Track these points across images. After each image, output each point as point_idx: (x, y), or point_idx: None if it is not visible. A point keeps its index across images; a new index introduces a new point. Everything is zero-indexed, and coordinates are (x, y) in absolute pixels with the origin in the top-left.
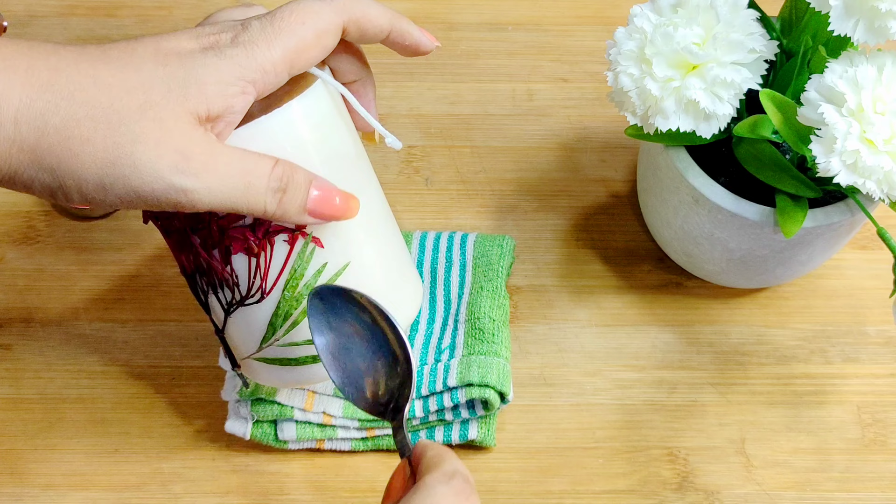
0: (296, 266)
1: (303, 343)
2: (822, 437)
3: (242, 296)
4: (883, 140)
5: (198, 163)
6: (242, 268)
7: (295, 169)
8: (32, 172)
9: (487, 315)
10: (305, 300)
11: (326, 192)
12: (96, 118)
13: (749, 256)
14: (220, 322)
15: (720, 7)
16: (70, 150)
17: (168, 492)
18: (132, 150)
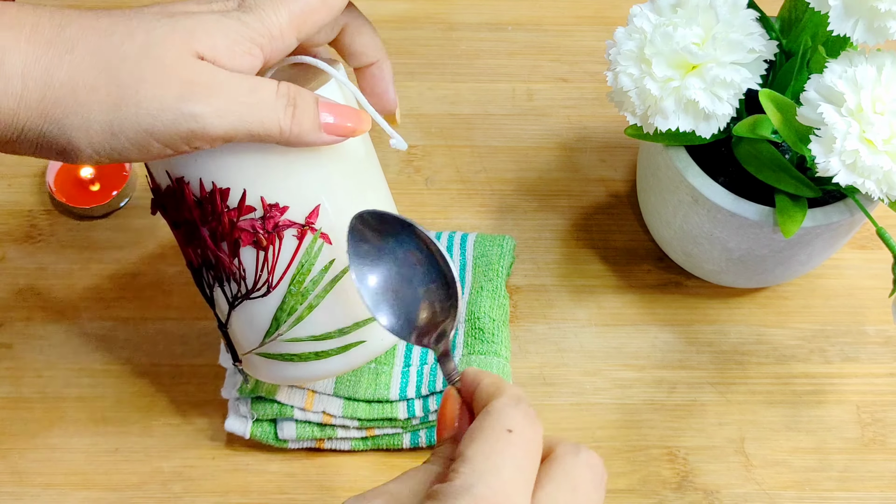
0: (303, 261)
1: (306, 339)
2: (822, 437)
3: (248, 289)
4: (882, 140)
5: (203, 87)
6: (250, 261)
7: (299, 87)
8: (41, 128)
9: (487, 315)
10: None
11: (336, 108)
12: (99, 65)
13: (748, 256)
14: (223, 316)
15: (720, 7)
16: (76, 101)
17: (168, 491)
18: (137, 90)
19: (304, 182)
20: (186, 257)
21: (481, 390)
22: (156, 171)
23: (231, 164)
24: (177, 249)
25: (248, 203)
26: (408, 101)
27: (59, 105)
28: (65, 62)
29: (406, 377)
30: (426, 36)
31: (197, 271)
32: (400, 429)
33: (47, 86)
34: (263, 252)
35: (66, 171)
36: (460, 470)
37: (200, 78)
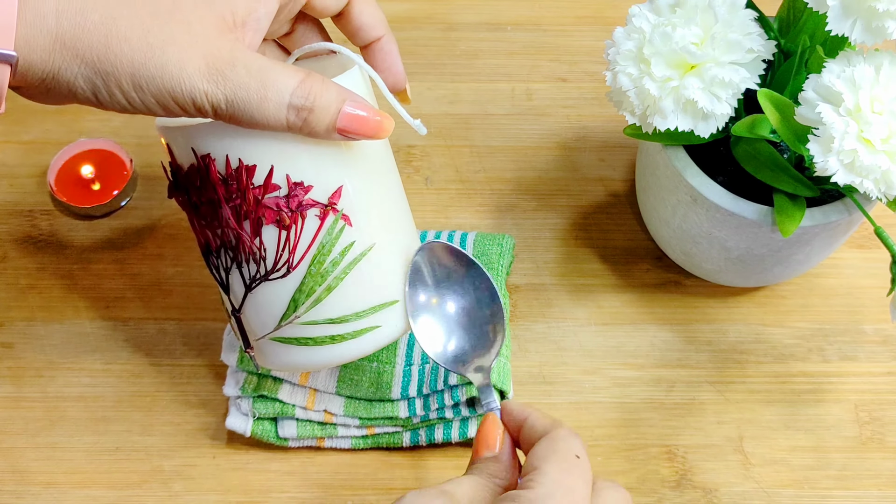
0: (324, 242)
1: (323, 322)
2: (820, 436)
3: (268, 270)
4: (880, 139)
5: (219, 68)
6: (271, 241)
7: (325, 87)
8: (75, 68)
9: None
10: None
11: (360, 111)
12: (132, 18)
13: (747, 255)
14: (237, 300)
15: (718, 7)
16: (109, 48)
17: (169, 489)
18: (163, 52)
19: (329, 163)
20: (203, 240)
21: (536, 420)
22: (180, 150)
23: (259, 141)
24: (177, 250)
25: (274, 181)
26: None
27: (93, 49)
28: (99, 6)
29: (408, 376)
30: (426, 36)
31: (213, 254)
32: (400, 427)
33: (81, 27)
34: (286, 231)
35: (67, 170)
36: (540, 481)
37: (220, 54)
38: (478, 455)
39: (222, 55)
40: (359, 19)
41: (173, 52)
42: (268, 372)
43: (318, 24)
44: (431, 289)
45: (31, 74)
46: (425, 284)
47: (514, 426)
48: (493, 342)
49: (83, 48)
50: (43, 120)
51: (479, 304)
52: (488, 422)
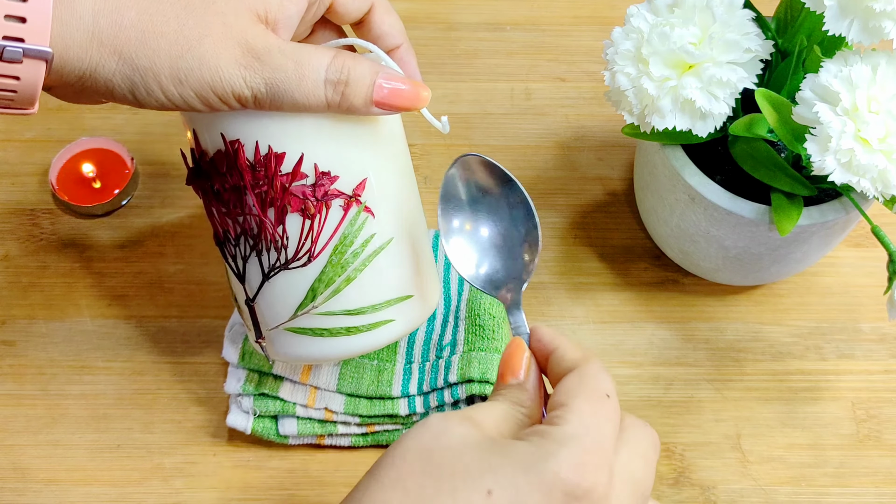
0: (346, 232)
1: (340, 313)
2: (817, 433)
3: (288, 258)
4: (877, 139)
5: (256, 55)
6: (294, 229)
7: (357, 61)
8: (112, 65)
9: (487, 312)
10: None
11: (395, 83)
12: (167, 13)
13: (745, 254)
14: (252, 290)
15: (716, 7)
16: (146, 44)
17: (169, 486)
18: (200, 43)
19: (356, 155)
20: (221, 228)
21: (566, 350)
22: (207, 135)
23: (290, 129)
24: (178, 247)
25: (303, 169)
26: None
27: (131, 46)
28: (134, 2)
29: (408, 374)
30: (425, 36)
31: (231, 243)
32: (400, 425)
33: (118, 25)
34: (310, 220)
35: (69, 169)
36: (568, 418)
37: (255, 42)
38: (503, 380)
39: (257, 42)
40: (379, 28)
41: (209, 43)
42: (270, 369)
43: (339, 29)
44: (465, 207)
45: (66, 72)
46: (459, 202)
47: (542, 354)
48: (528, 263)
49: (120, 45)
50: (44, 118)
51: (513, 223)
52: (514, 346)
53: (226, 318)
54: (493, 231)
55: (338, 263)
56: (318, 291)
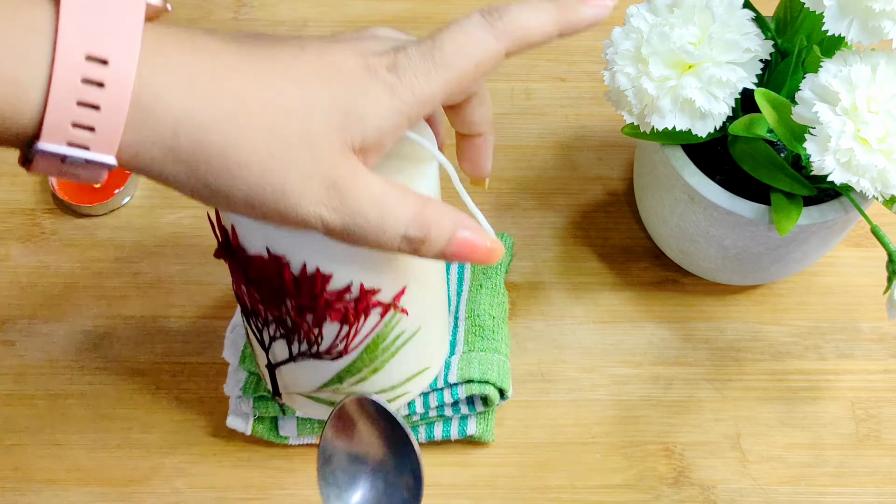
0: (380, 333)
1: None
2: (817, 433)
3: (320, 352)
4: (877, 139)
5: (340, 197)
6: (330, 332)
7: (441, 215)
8: (184, 178)
9: (487, 312)
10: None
11: (473, 238)
12: (256, 143)
13: (744, 254)
14: (276, 360)
15: (716, 7)
16: (228, 171)
17: (170, 486)
18: (284, 178)
19: (401, 269)
20: (250, 305)
21: None
22: (248, 237)
23: (342, 255)
24: (178, 248)
25: (350, 288)
26: None
27: (210, 170)
28: (223, 127)
29: None
30: (425, 36)
31: (259, 321)
32: None
33: (200, 147)
34: (347, 326)
35: None
36: None
37: (342, 183)
38: None
39: (345, 182)
40: (470, 116)
41: (294, 179)
42: None
43: None
44: (347, 446)
45: (131, 169)
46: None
47: None
48: None
49: (198, 166)
50: None
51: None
52: None
53: (226, 318)
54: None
55: (368, 357)
56: (343, 379)
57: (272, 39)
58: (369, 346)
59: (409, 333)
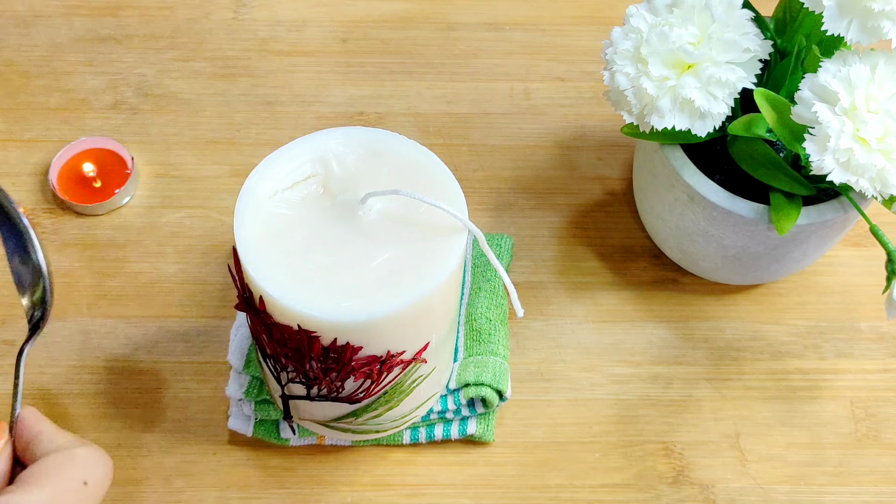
0: (400, 381)
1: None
2: (816, 432)
3: (339, 398)
4: (876, 138)
5: None
6: (352, 385)
7: None
8: None
9: (484, 316)
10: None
11: None
12: None
13: (743, 253)
14: (291, 393)
15: (715, 7)
16: None
17: (170, 486)
18: None
19: (426, 331)
20: (269, 350)
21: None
22: (279, 314)
23: (373, 331)
24: (178, 248)
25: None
26: (406, 100)
27: None
28: None
29: None
30: (425, 36)
31: (278, 364)
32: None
33: None
34: (370, 381)
35: (69, 169)
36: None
37: None
38: None
39: None
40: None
41: None
42: None
43: None
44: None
45: None
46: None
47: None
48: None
49: None
50: (44, 118)
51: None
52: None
53: (225, 317)
54: None
55: (384, 400)
56: (359, 415)
57: None
58: (388, 392)
59: (425, 375)
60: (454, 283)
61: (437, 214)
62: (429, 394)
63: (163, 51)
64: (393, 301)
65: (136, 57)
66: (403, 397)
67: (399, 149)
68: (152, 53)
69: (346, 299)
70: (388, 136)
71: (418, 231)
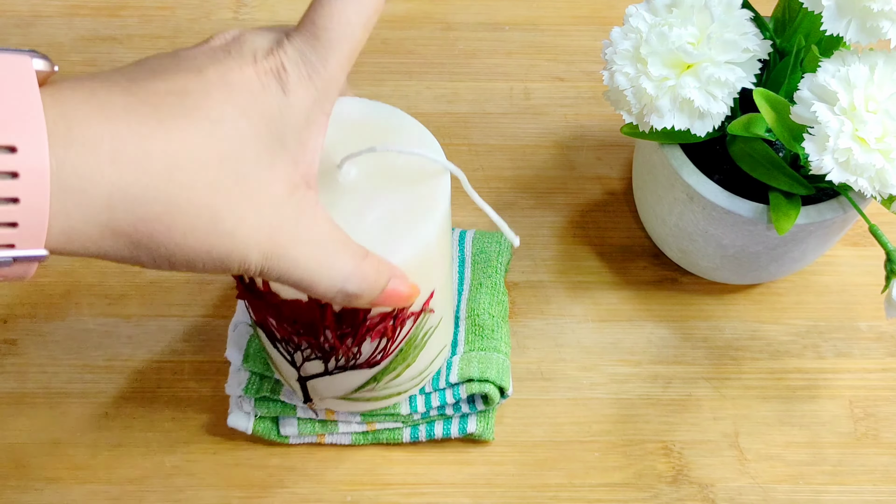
0: (413, 335)
1: (395, 387)
2: (815, 431)
3: (357, 365)
4: (875, 138)
5: (278, 250)
6: (369, 348)
7: (378, 268)
8: (126, 252)
9: (487, 311)
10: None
11: (400, 288)
12: (198, 203)
13: (743, 253)
14: (308, 374)
15: (714, 7)
16: (172, 240)
17: (170, 485)
18: (232, 238)
19: (433, 278)
20: (281, 335)
21: None
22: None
23: None
24: None
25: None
26: (406, 99)
27: (153, 240)
28: (161, 193)
29: None
30: (424, 36)
31: (290, 346)
32: (401, 423)
33: (140, 219)
34: (386, 340)
35: None
36: None
37: (283, 231)
38: None
39: (285, 231)
40: None
41: (241, 237)
42: (273, 373)
43: None
44: None
45: (66, 253)
46: None
47: None
48: None
49: (140, 238)
50: None
51: None
52: None
53: (225, 317)
54: None
55: (401, 358)
56: (378, 379)
57: (169, 70)
58: (403, 348)
59: (434, 325)
60: (447, 225)
61: (415, 164)
62: (440, 346)
63: (163, 51)
64: (395, 256)
65: (137, 57)
66: (418, 352)
67: (362, 110)
68: (153, 53)
69: None
70: (345, 102)
71: (400, 184)
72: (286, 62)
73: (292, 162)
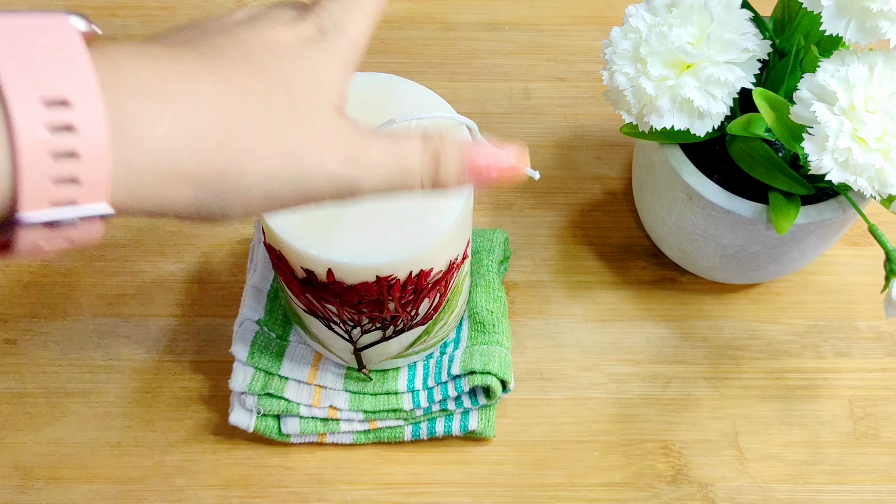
0: (458, 281)
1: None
2: (814, 431)
3: (414, 324)
4: (874, 138)
5: (357, 155)
6: (424, 306)
7: (444, 143)
8: (189, 195)
9: (486, 308)
10: None
11: (487, 149)
12: (257, 128)
13: (742, 253)
14: (364, 344)
15: (714, 7)
16: (240, 169)
17: (170, 484)
18: (301, 156)
19: (465, 230)
20: (336, 318)
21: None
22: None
23: (437, 250)
24: (178, 247)
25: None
26: None
27: (220, 174)
28: (218, 124)
29: (413, 370)
30: (424, 36)
31: (348, 324)
32: (402, 421)
33: (202, 155)
34: (439, 295)
35: None
36: None
37: (350, 141)
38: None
39: (352, 141)
40: None
41: (309, 154)
42: (278, 370)
43: None
44: None
45: (131, 211)
46: None
47: None
48: None
49: (204, 176)
50: None
51: None
52: None
53: (226, 316)
54: None
55: (448, 307)
56: (430, 331)
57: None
58: (450, 298)
59: (467, 269)
60: None
61: (429, 124)
62: (468, 285)
63: None
64: (445, 214)
65: None
66: (458, 296)
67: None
68: None
69: (408, 234)
70: None
71: None
72: (314, 20)
73: (336, 97)
